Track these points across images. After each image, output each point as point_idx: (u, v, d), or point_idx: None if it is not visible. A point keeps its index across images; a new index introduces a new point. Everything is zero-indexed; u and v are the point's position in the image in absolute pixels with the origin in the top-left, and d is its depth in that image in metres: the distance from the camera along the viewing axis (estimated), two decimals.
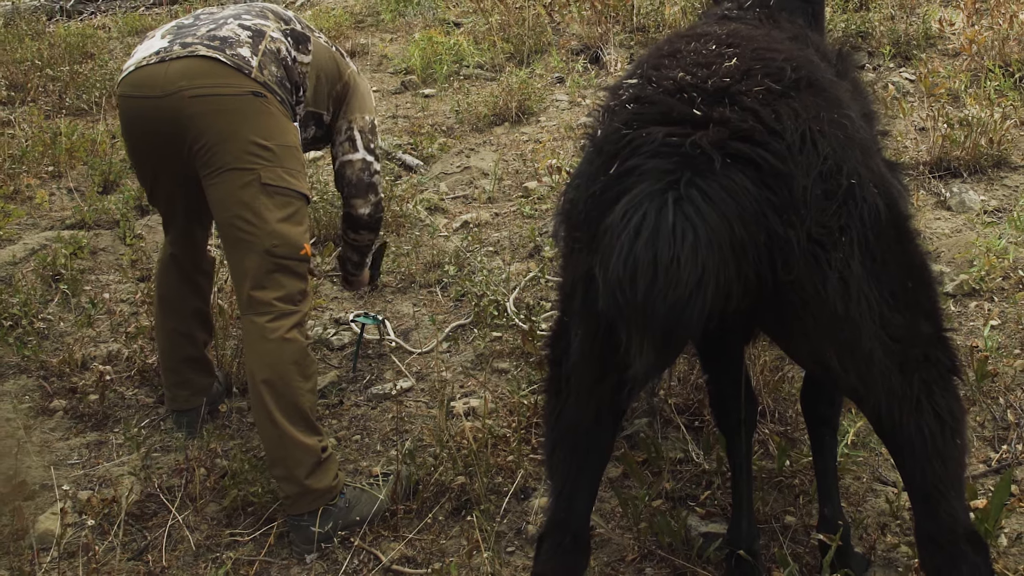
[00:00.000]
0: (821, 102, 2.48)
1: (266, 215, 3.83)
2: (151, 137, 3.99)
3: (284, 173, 3.89)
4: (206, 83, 3.80)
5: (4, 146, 7.70)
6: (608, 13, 9.34)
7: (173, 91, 3.80)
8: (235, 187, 3.83)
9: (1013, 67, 6.96)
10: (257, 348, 3.84)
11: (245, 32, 4.00)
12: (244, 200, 3.82)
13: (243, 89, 3.84)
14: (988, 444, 4.00)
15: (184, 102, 3.79)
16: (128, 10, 12.69)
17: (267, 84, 3.90)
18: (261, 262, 3.82)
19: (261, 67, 3.91)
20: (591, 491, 2.90)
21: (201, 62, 3.84)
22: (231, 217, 3.85)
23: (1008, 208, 5.61)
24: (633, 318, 2.15)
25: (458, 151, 7.62)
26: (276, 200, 3.86)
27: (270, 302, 3.84)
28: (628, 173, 2.32)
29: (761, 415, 4.23)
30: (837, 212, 2.34)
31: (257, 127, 3.84)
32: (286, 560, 3.85)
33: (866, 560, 3.45)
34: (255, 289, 3.84)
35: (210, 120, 3.80)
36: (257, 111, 3.86)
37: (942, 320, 2.67)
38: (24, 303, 5.56)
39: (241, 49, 3.91)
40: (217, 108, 3.80)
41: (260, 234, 3.82)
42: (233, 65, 3.84)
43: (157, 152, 4.04)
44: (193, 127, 3.81)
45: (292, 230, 3.89)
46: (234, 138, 3.81)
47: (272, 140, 3.87)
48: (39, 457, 4.51)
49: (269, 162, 3.85)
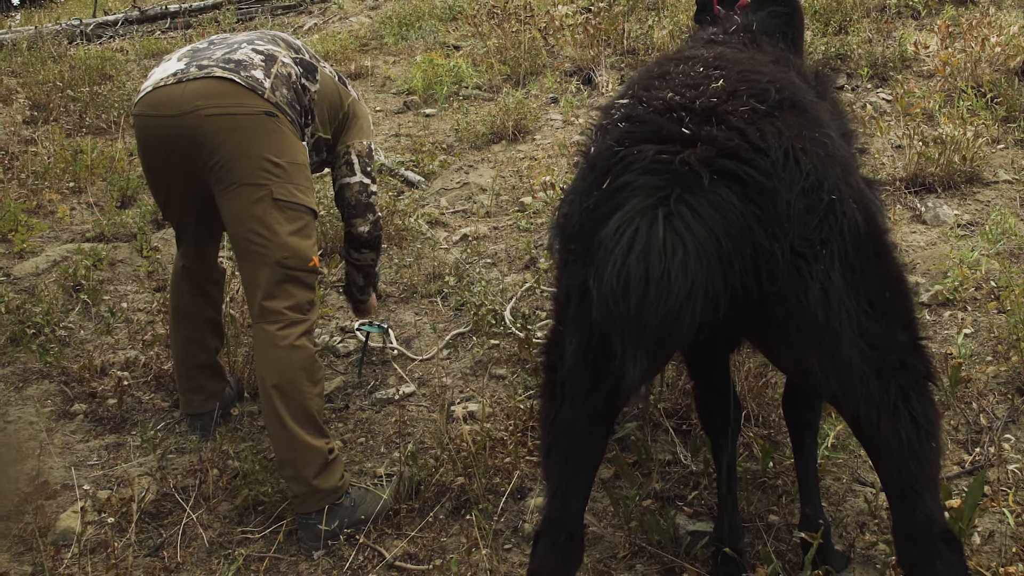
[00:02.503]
0: (803, 121, 2.48)
1: (277, 229, 3.83)
2: (167, 155, 3.99)
3: (294, 189, 3.89)
4: (221, 102, 3.81)
5: (27, 163, 7.70)
6: (600, 37, 9.34)
7: (190, 110, 3.81)
8: (248, 202, 3.83)
9: (985, 88, 6.97)
10: (268, 354, 3.84)
11: (258, 56, 4.02)
12: (256, 214, 3.83)
13: (256, 109, 3.84)
14: (962, 447, 4.00)
15: (200, 120, 3.80)
16: (144, 34, 12.69)
17: (279, 104, 3.91)
18: (272, 273, 3.83)
19: (274, 88, 3.92)
20: (584, 491, 2.89)
21: (217, 83, 3.84)
22: (244, 231, 3.86)
23: (980, 222, 5.61)
24: (626, 329, 2.15)
25: (458, 168, 7.62)
26: (287, 215, 3.86)
27: (280, 311, 3.84)
28: (620, 189, 2.32)
29: (745, 419, 4.22)
30: (819, 226, 2.34)
31: (269, 145, 3.85)
32: (295, 556, 3.85)
33: (846, 557, 3.45)
34: (266, 299, 3.84)
35: (224, 137, 3.81)
36: (269, 130, 3.86)
37: (918, 329, 2.67)
38: (46, 312, 5.55)
39: (255, 71, 3.92)
40: (232, 126, 3.81)
41: (271, 247, 3.82)
42: (247, 86, 3.85)
43: (172, 169, 4.04)
44: (208, 144, 3.81)
45: (302, 243, 3.89)
46: (247, 155, 3.81)
47: (283, 158, 3.87)
48: (60, 458, 4.50)
49: (280, 178, 3.85)
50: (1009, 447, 3.92)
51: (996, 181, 6.03)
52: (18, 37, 11.87)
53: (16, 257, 6.38)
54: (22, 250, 6.44)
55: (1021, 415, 4.08)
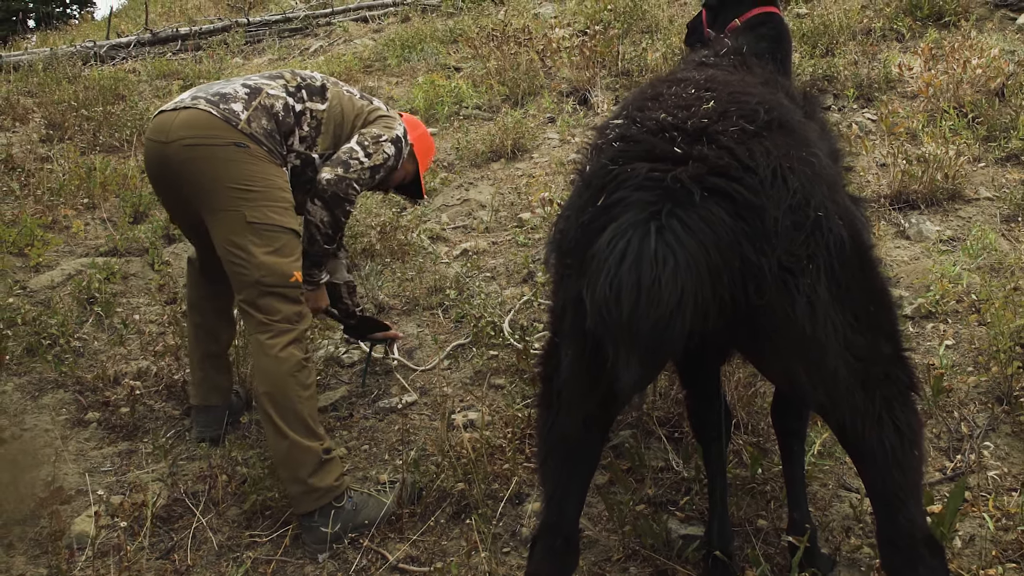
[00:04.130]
0: (791, 141, 2.49)
1: (253, 250, 3.93)
2: (161, 177, 4.14)
3: (268, 211, 3.97)
4: (198, 133, 3.94)
5: (43, 180, 7.70)
6: (595, 59, 9.35)
7: (175, 139, 3.95)
8: (225, 226, 3.96)
9: (966, 108, 6.99)
10: (259, 363, 3.95)
11: (244, 90, 4.14)
12: (232, 238, 3.95)
13: (226, 140, 3.94)
14: (943, 454, 4.00)
15: (181, 150, 3.94)
16: (156, 56, 12.68)
17: (254, 135, 4.00)
18: (253, 290, 3.94)
19: (250, 120, 4.02)
20: (580, 496, 2.90)
21: (198, 114, 3.98)
22: (225, 253, 3.99)
23: (962, 237, 5.62)
24: (619, 336, 2.16)
25: (458, 185, 7.62)
26: (263, 237, 3.95)
27: (267, 323, 3.95)
28: (614, 204, 2.33)
29: (735, 427, 4.23)
30: (805, 241, 2.35)
31: (236, 173, 3.94)
32: (301, 559, 3.85)
33: (832, 560, 3.45)
34: (253, 311, 3.96)
35: (199, 166, 3.94)
36: (237, 159, 3.96)
37: (901, 341, 2.67)
38: (61, 324, 5.56)
39: (235, 104, 4.04)
40: (204, 156, 3.93)
41: (249, 267, 3.93)
42: (222, 117, 3.97)
43: (169, 188, 4.17)
44: (186, 172, 3.96)
45: (279, 261, 3.96)
46: (215, 182, 3.94)
47: (253, 183, 3.96)
48: (75, 465, 4.51)
49: (251, 202, 3.94)
50: (989, 454, 3.93)
51: (977, 198, 6.04)
52: (34, 58, 11.87)
53: (32, 271, 6.39)
54: (38, 264, 6.44)
55: (1001, 423, 4.09)
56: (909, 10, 9.12)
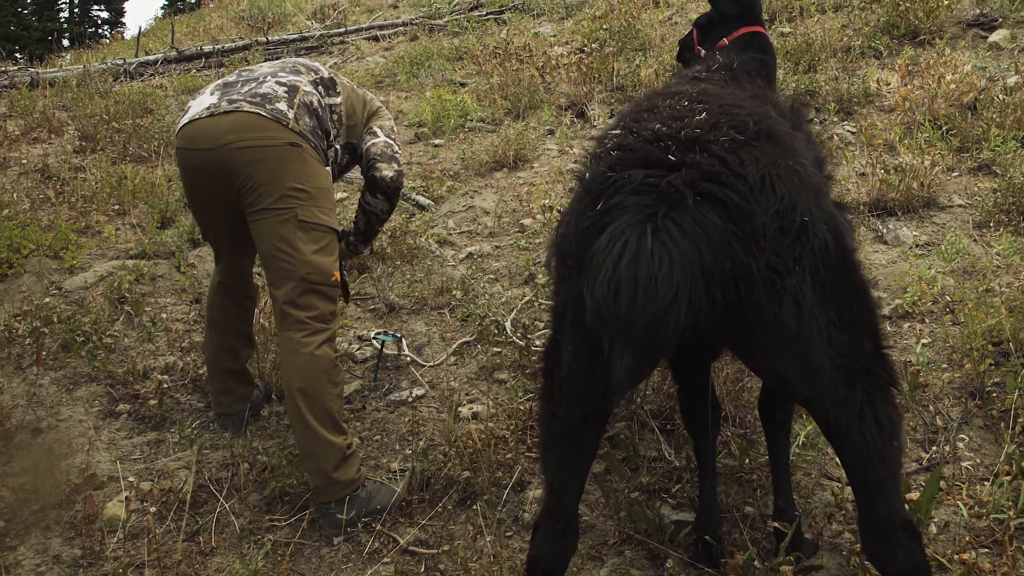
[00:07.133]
0: (778, 150, 2.48)
1: (301, 247, 3.85)
2: (205, 183, 4.03)
3: (317, 211, 3.91)
4: (250, 135, 3.84)
5: (77, 188, 7.70)
6: (592, 75, 9.35)
7: (223, 144, 3.84)
8: (275, 224, 3.86)
9: (941, 121, 6.97)
10: (292, 360, 3.85)
11: (282, 88, 4.04)
12: (283, 234, 3.85)
13: (282, 140, 3.86)
14: (920, 445, 3.99)
15: (232, 153, 3.83)
16: (182, 72, 12.68)
17: (303, 133, 3.92)
18: (297, 287, 3.85)
19: (297, 118, 3.93)
20: (579, 484, 2.89)
21: (246, 116, 3.87)
22: (272, 248, 3.88)
23: (936, 242, 5.61)
24: (616, 329, 2.15)
25: (463, 192, 7.61)
26: (311, 234, 3.88)
27: (304, 320, 3.86)
28: (612, 208, 2.32)
29: (724, 420, 4.23)
30: (792, 245, 2.35)
31: (294, 173, 3.87)
32: (317, 542, 3.86)
33: (814, 545, 3.44)
34: (292, 309, 3.86)
35: (254, 168, 3.84)
36: (294, 158, 3.88)
37: (881, 339, 2.66)
38: (94, 322, 5.56)
39: (279, 103, 3.94)
40: (260, 157, 3.84)
41: (296, 263, 3.83)
42: (273, 118, 3.87)
43: (210, 195, 4.07)
44: (240, 174, 3.85)
45: (324, 260, 3.90)
46: (275, 182, 3.84)
47: (307, 183, 3.89)
48: (107, 453, 4.51)
49: (304, 202, 3.87)
50: (963, 446, 3.92)
51: (951, 205, 6.02)
52: (68, 75, 11.85)
53: (67, 272, 6.38)
54: (72, 266, 6.43)
55: (974, 417, 4.07)
56: (887, 29, 9.09)
